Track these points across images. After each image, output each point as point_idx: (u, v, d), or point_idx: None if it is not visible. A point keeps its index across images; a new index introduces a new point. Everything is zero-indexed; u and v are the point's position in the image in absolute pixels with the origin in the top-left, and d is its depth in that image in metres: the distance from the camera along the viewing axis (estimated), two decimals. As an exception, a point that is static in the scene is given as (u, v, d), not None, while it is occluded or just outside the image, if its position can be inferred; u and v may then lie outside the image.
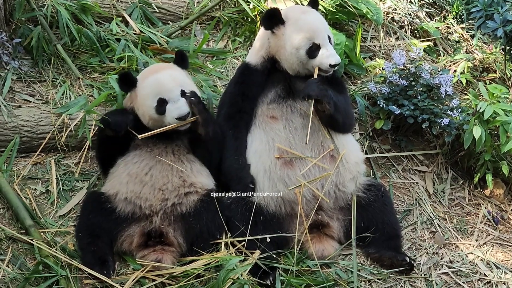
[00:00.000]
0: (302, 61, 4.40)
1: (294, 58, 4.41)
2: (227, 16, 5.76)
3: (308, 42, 4.36)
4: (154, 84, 4.25)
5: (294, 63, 4.43)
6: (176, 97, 4.20)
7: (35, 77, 5.04)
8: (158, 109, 4.20)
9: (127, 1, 5.73)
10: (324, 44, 4.38)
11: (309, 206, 4.26)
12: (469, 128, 4.73)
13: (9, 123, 4.62)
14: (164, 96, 4.20)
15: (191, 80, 4.49)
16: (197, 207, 4.16)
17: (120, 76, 4.36)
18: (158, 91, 4.21)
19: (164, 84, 4.24)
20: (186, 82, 4.35)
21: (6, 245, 4.11)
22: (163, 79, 4.26)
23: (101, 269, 3.91)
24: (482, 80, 6.05)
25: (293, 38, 4.38)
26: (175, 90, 4.22)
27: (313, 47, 4.37)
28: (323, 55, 4.37)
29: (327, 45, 4.40)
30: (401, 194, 4.91)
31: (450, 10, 6.83)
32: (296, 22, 4.42)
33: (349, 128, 4.63)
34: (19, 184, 4.49)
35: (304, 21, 4.42)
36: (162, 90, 4.21)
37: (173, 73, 4.35)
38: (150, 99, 4.22)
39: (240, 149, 4.41)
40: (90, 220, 4.14)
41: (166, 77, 4.29)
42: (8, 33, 5.04)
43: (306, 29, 4.37)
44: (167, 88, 4.22)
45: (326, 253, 4.23)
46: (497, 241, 4.73)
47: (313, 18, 4.49)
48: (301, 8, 4.71)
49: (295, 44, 4.37)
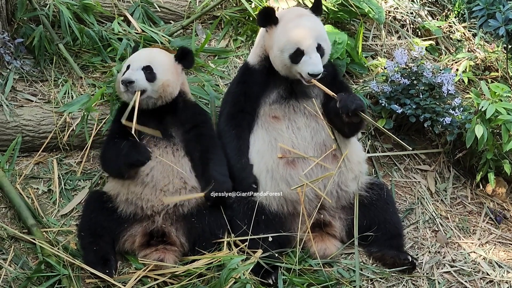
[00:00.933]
0: (286, 64, 4.36)
1: (278, 60, 4.38)
2: (229, 15, 5.76)
3: (293, 46, 4.29)
4: (133, 55, 4.47)
5: (279, 65, 4.41)
6: (136, 67, 4.31)
7: (37, 77, 5.05)
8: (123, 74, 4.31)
9: (129, 1, 5.74)
10: (309, 51, 4.28)
11: (311, 205, 4.26)
12: (471, 127, 4.73)
13: (11, 123, 4.62)
14: (130, 63, 4.35)
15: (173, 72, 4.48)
16: (199, 207, 4.17)
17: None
18: (129, 60, 4.42)
19: (137, 55, 4.46)
20: (162, 65, 4.40)
21: (8, 244, 4.11)
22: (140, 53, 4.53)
23: (103, 268, 3.92)
24: (484, 79, 6.05)
25: (280, 40, 4.34)
26: (139, 62, 4.35)
27: (297, 52, 4.29)
28: (305, 62, 4.28)
29: (312, 53, 4.29)
30: (403, 193, 4.91)
31: (452, 9, 6.83)
32: (286, 24, 4.37)
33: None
34: (21, 183, 4.49)
35: (294, 24, 4.34)
36: (132, 59, 4.40)
37: (154, 53, 4.51)
38: (125, 66, 4.40)
39: (242, 149, 4.40)
40: (92, 219, 4.14)
41: (144, 52, 4.51)
42: (10, 32, 5.04)
43: (294, 33, 4.30)
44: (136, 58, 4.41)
45: (328, 252, 4.23)
46: (499, 240, 4.73)
47: (305, 23, 4.38)
48: (298, 12, 4.58)
49: (280, 46, 4.33)
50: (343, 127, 4.36)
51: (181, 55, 4.50)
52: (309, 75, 4.26)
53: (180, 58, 4.50)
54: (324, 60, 4.40)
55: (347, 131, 4.38)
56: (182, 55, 4.50)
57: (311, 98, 4.45)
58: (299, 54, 4.28)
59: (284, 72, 4.42)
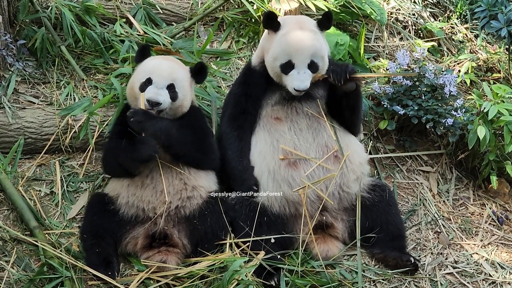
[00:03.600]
0: (276, 72, 4.36)
1: (270, 66, 4.39)
2: (231, 17, 5.77)
3: (285, 57, 4.29)
4: (152, 65, 4.31)
5: (271, 71, 4.41)
6: (162, 85, 4.20)
7: (39, 79, 5.05)
8: (142, 87, 4.22)
9: (131, 2, 5.74)
10: (299, 66, 4.28)
11: (313, 206, 4.26)
12: (474, 128, 4.73)
13: (13, 125, 4.62)
14: (152, 77, 4.21)
15: (190, 89, 4.42)
16: (201, 208, 4.16)
17: (140, 47, 4.45)
18: (151, 71, 4.25)
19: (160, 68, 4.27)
20: (183, 83, 4.31)
21: (11, 246, 4.12)
22: (161, 65, 4.31)
23: (106, 270, 3.92)
24: (486, 80, 6.05)
25: (275, 47, 4.33)
26: (164, 79, 4.22)
27: (288, 64, 4.28)
28: (292, 76, 4.28)
29: (302, 69, 4.28)
30: (405, 195, 4.90)
31: (454, 10, 6.83)
32: (285, 34, 4.33)
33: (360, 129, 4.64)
34: (24, 185, 4.50)
35: (293, 36, 4.31)
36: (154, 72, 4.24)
37: (176, 68, 4.36)
38: (141, 75, 4.27)
39: (244, 151, 4.40)
40: (94, 221, 4.14)
41: (166, 65, 4.32)
42: (12, 34, 5.04)
43: (290, 44, 4.28)
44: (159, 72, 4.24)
45: (331, 254, 4.23)
46: (502, 241, 4.73)
47: (304, 38, 4.32)
48: (302, 23, 4.46)
49: (274, 54, 4.32)
50: (344, 110, 4.40)
51: (198, 70, 4.44)
52: (294, 90, 4.28)
53: (196, 73, 4.44)
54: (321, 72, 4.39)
55: (347, 110, 4.42)
56: (200, 70, 4.44)
57: (316, 99, 4.45)
58: (289, 67, 4.29)
59: (275, 78, 4.43)
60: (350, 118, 4.47)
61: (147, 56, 4.43)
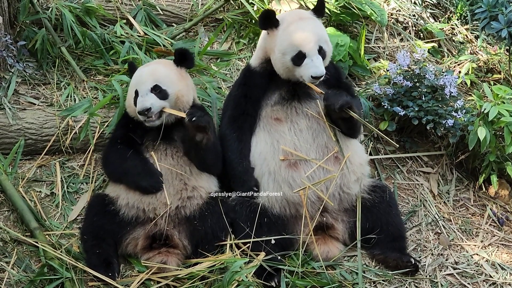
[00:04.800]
0: (288, 67, 4.37)
1: (279, 63, 4.39)
2: (231, 18, 5.77)
3: (294, 48, 4.30)
4: (136, 76, 4.37)
5: (281, 68, 4.41)
6: (145, 91, 4.23)
7: (40, 80, 5.06)
8: (134, 100, 4.26)
9: (131, 4, 5.74)
10: (311, 54, 4.29)
11: (313, 207, 4.26)
12: (474, 129, 4.73)
13: (13, 126, 4.63)
14: (137, 88, 4.27)
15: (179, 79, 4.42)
16: (201, 209, 4.17)
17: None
18: (135, 82, 4.32)
19: (141, 76, 4.33)
20: (168, 78, 4.33)
21: (11, 247, 4.12)
22: (142, 72, 4.36)
23: (106, 271, 3.92)
24: (487, 81, 6.05)
25: (282, 42, 4.34)
26: (146, 84, 4.26)
27: (299, 55, 4.30)
28: (307, 65, 4.29)
29: (314, 56, 4.30)
30: (405, 195, 4.90)
31: (454, 11, 6.82)
32: (288, 27, 4.36)
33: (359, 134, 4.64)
34: (24, 186, 4.50)
35: (296, 27, 4.35)
36: (137, 82, 4.29)
37: (157, 68, 4.41)
38: (132, 89, 4.33)
39: (244, 152, 4.41)
40: (94, 222, 4.15)
41: (146, 70, 4.36)
42: (13, 35, 5.05)
43: (296, 36, 4.31)
44: (141, 81, 4.29)
45: (331, 255, 4.23)
46: (502, 242, 4.73)
47: (307, 26, 4.38)
48: (300, 14, 4.57)
49: (282, 49, 4.33)
50: (339, 126, 4.41)
51: (180, 58, 4.45)
52: (312, 78, 4.26)
53: (179, 61, 4.45)
54: (326, 61, 4.42)
55: (343, 128, 4.42)
56: (180, 57, 4.45)
57: (315, 99, 4.46)
58: (301, 57, 4.29)
59: (285, 74, 4.42)
60: (347, 132, 4.47)
61: (134, 71, 4.46)
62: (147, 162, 4.21)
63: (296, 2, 5.56)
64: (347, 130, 4.44)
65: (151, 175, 4.15)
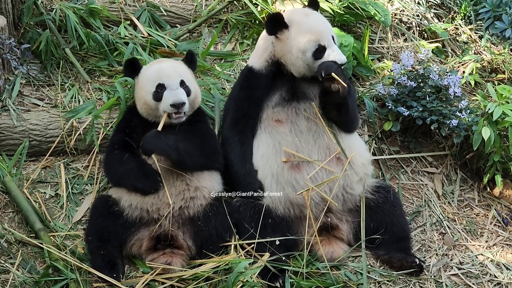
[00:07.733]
0: (308, 64, 4.40)
1: (300, 62, 4.41)
2: (235, 19, 5.77)
3: (314, 44, 4.36)
4: (156, 71, 4.30)
5: (301, 67, 4.43)
6: (175, 85, 4.22)
7: (44, 81, 5.06)
8: (156, 95, 4.22)
9: (135, 5, 5.75)
10: (330, 45, 4.38)
11: (317, 208, 4.26)
12: (478, 129, 4.72)
13: (18, 127, 4.64)
14: (163, 82, 4.22)
15: (194, 79, 4.47)
16: (205, 210, 4.16)
17: (126, 62, 4.41)
18: (158, 77, 4.24)
19: (165, 71, 4.27)
20: (188, 75, 4.36)
21: (16, 248, 4.12)
22: (165, 67, 4.32)
23: (111, 272, 3.92)
24: (491, 81, 6.04)
25: (299, 42, 4.37)
26: (175, 78, 4.24)
27: (320, 48, 4.37)
28: (329, 55, 4.35)
29: (333, 45, 4.40)
30: (410, 196, 4.90)
31: (458, 11, 6.82)
32: (300, 26, 4.42)
33: (355, 126, 4.61)
34: (29, 187, 4.50)
35: (308, 23, 4.42)
36: (163, 76, 4.24)
37: (176, 65, 4.39)
38: (150, 84, 4.25)
39: (246, 155, 4.41)
40: (99, 224, 4.14)
41: (168, 66, 4.34)
42: (17, 37, 5.06)
43: (311, 31, 4.37)
44: (167, 74, 4.24)
45: (336, 255, 4.23)
46: (507, 242, 4.72)
47: (317, 20, 4.51)
48: (303, 11, 4.68)
49: (301, 48, 4.37)
50: (331, 109, 4.41)
51: (191, 59, 4.51)
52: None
53: (189, 62, 4.50)
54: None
55: (336, 117, 4.44)
56: (191, 58, 4.51)
57: (310, 99, 4.46)
58: (321, 50, 4.36)
59: (303, 71, 4.45)
60: (337, 117, 4.46)
61: (138, 68, 4.43)
62: (144, 164, 4.21)
63: (300, 2, 5.56)
64: (339, 118, 4.44)
65: (147, 176, 4.15)
